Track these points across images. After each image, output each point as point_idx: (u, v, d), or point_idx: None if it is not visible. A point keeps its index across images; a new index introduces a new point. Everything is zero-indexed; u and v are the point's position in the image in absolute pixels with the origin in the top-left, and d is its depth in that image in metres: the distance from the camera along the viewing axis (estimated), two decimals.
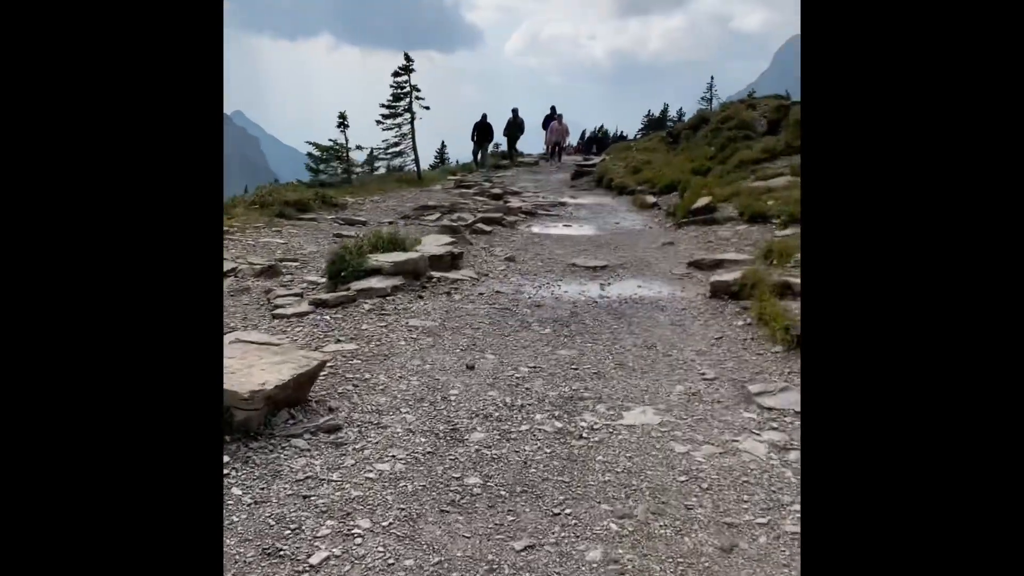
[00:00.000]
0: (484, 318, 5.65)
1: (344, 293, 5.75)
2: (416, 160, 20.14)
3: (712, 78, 54.29)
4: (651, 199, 14.70)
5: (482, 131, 22.14)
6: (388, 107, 19.52)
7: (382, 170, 20.57)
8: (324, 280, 6.18)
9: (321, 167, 17.42)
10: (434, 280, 6.49)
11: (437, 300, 6.10)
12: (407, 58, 18.86)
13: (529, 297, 6.42)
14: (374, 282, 6.00)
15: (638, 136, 55.74)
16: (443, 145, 47.15)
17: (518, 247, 9.30)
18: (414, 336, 5.07)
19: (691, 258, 8.31)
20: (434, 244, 7.34)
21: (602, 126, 54.48)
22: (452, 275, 6.72)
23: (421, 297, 6.09)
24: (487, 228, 10.23)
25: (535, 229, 11.77)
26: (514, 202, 14.25)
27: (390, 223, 11.35)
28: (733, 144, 15.66)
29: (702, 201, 11.88)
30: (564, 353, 4.89)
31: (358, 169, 18.80)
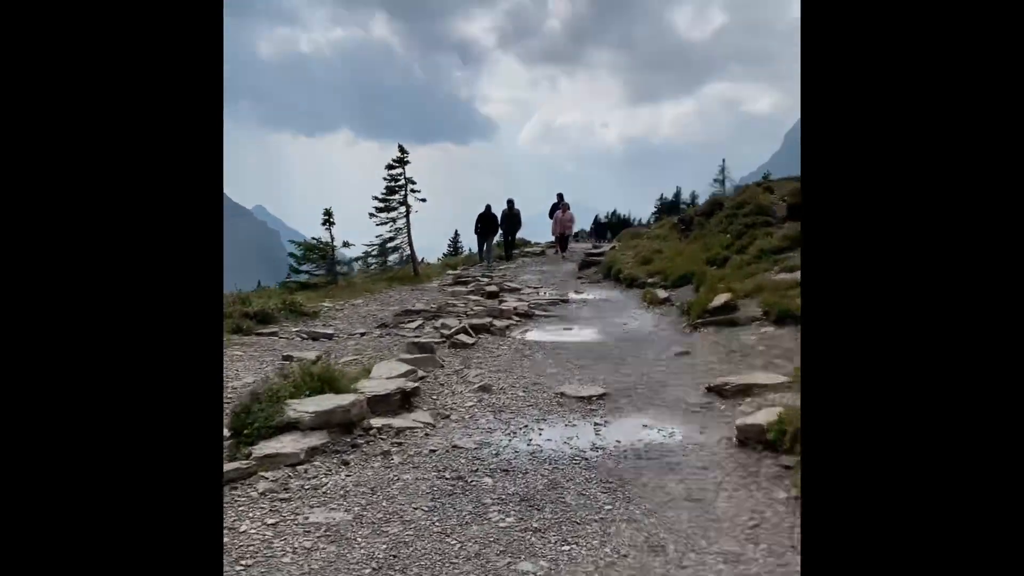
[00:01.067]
0: (424, 499, 4.05)
1: (240, 464, 4.22)
2: (412, 255, 18.97)
3: (724, 160, 53.76)
4: (662, 294, 13.23)
5: (486, 222, 21.17)
6: (382, 200, 18.53)
7: (376, 266, 19.38)
8: (228, 438, 4.66)
9: (304, 266, 16.23)
10: (373, 432, 4.94)
11: (368, 468, 4.52)
12: (401, 150, 17.98)
13: (496, 454, 4.83)
14: (287, 442, 4.47)
15: (651, 221, 54.97)
16: (456, 235, 46.64)
17: (500, 367, 7.77)
18: (309, 543, 3.49)
19: (711, 380, 6.72)
20: (385, 375, 5.84)
21: (614, 211, 53.85)
22: (400, 421, 5.17)
23: (346, 463, 4.52)
24: (469, 340, 8.75)
25: (529, 336, 10.28)
26: (510, 301, 12.83)
27: (362, 334, 9.93)
28: (751, 231, 14.27)
29: (720, 299, 10.37)
30: (526, 569, 3.28)
31: (344, 268, 17.60)
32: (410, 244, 18.58)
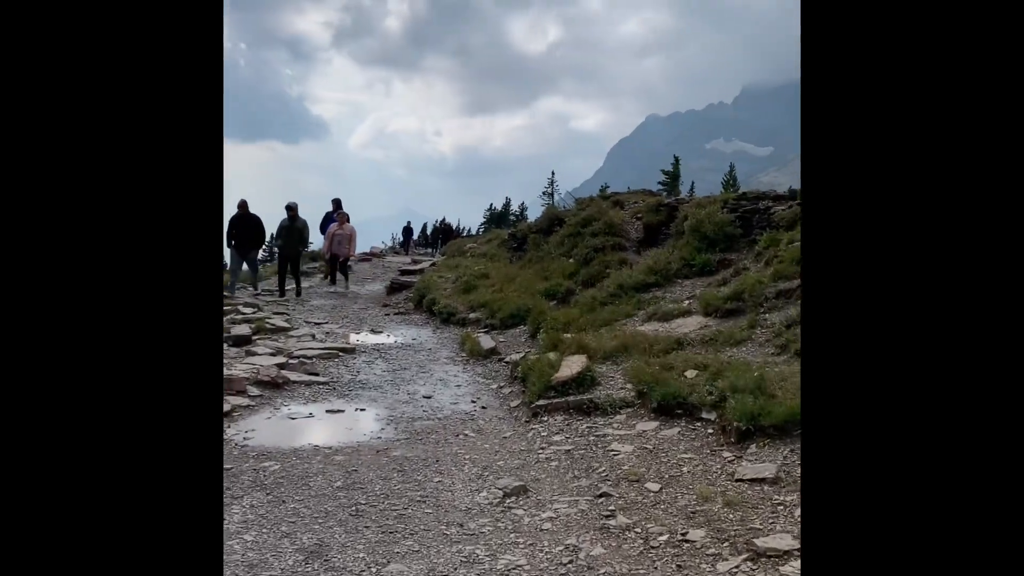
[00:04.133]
0: None
1: None
2: None
3: (553, 172, 52.33)
4: (487, 341, 9.56)
5: (242, 228, 13.19)
6: None
7: None
8: None
9: None
10: None
11: None
12: None
13: None
14: None
15: (480, 230, 52.08)
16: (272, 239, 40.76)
17: None
18: None
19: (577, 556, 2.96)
20: None
21: (443, 218, 50.19)
22: None
23: None
24: None
25: (259, 434, 6.10)
26: (260, 354, 8.50)
27: None
28: (601, 256, 11.03)
29: (572, 366, 6.82)
30: None
31: None
32: None
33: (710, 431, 5.42)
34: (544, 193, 51.68)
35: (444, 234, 34.60)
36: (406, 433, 6.19)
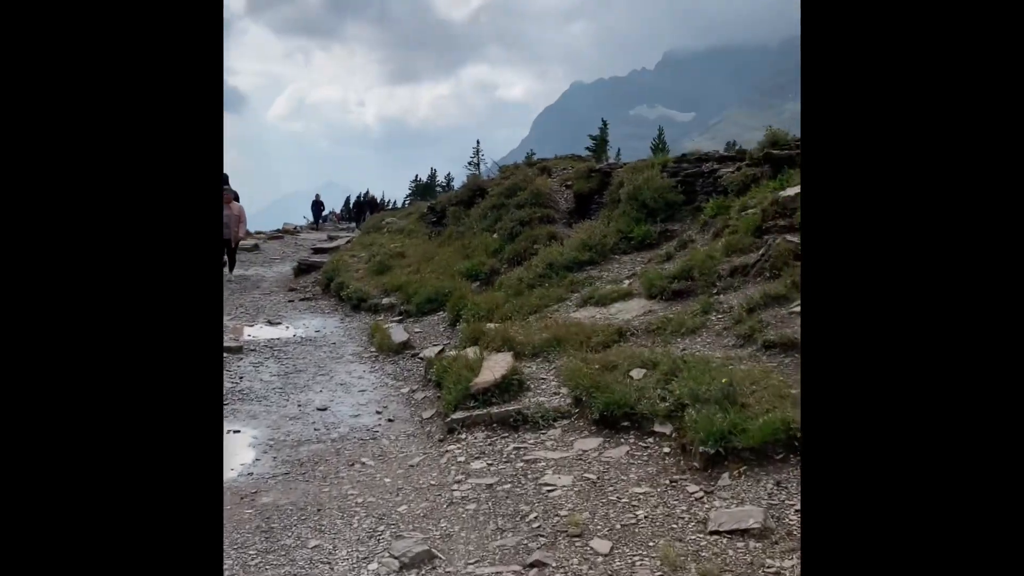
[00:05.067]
0: None
1: None
2: None
3: (478, 142, 50.85)
4: (399, 333, 8.25)
5: None
6: None
7: None
8: None
9: None
10: None
11: None
12: None
13: None
14: None
15: (406, 203, 50.13)
16: None
17: None
18: None
19: None
20: None
21: (367, 191, 47.70)
22: None
23: None
24: None
25: None
26: None
27: None
28: (528, 231, 9.82)
29: (494, 368, 5.61)
30: None
31: None
32: None
33: (666, 449, 4.32)
34: (470, 163, 50.16)
35: (369, 207, 32.28)
36: (287, 464, 4.88)
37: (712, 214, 7.58)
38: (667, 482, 3.95)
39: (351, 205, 37.97)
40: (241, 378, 7.02)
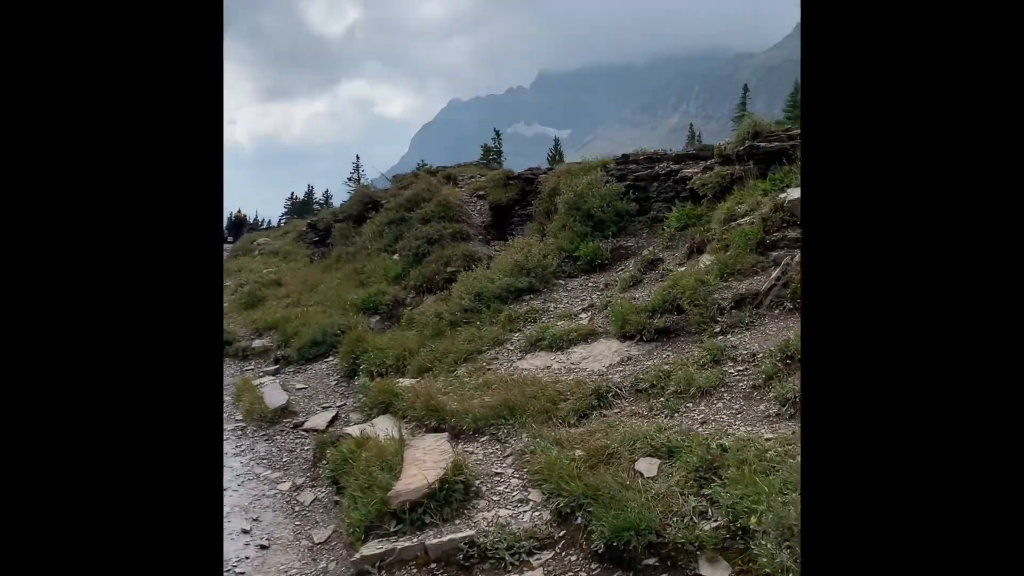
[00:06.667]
0: None
1: None
2: None
3: (358, 156, 48.46)
4: (276, 394, 6.12)
5: None
6: None
7: None
8: None
9: None
10: None
11: None
12: None
13: None
14: None
15: (281, 222, 46.68)
16: None
17: None
18: None
19: None
20: None
21: (239, 210, 43.44)
22: None
23: None
24: None
25: None
26: None
27: None
28: (439, 250, 7.92)
29: (425, 464, 3.70)
30: None
31: None
32: None
33: None
34: (349, 179, 47.57)
35: (235, 227, 27.68)
36: None
37: (679, 225, 6.01)
38: None
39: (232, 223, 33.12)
40: None
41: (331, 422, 5.50)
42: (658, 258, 5.89)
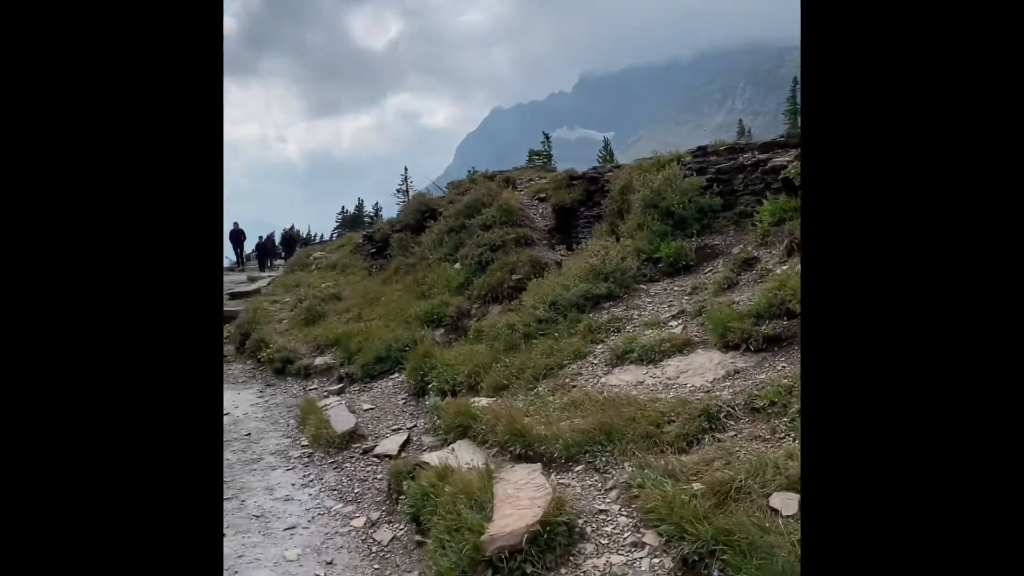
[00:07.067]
0: None
1: None
2: None
3: (406, 168, 48.77)
4: (343, 417, 5.76)
5: None
6: None
7: None
8: None
9: None
10: None
11: None
12: None
13: None
14: None
15: (333, 236, 47.06)
16: None
17: None
18: None
19: None
20: None
21: (292, 225, 43.87)
22: None
23: None
24: None
25: None
26: None
27: None
28: (502, 256, 7.50)
29: (519, 502, 3.24)
30: None
31: None
32: None
33: None
34: (398, 191, 47.81)
35: (285, 244, 26.88)
36: None
37: (773, 220, 5.44)
38: None
39: (274, 241, 32.70)
40: None
41: (403, 446, 5.10)
42: (753, 257, 5.33)
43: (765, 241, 5.42)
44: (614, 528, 3.14)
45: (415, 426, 5.48)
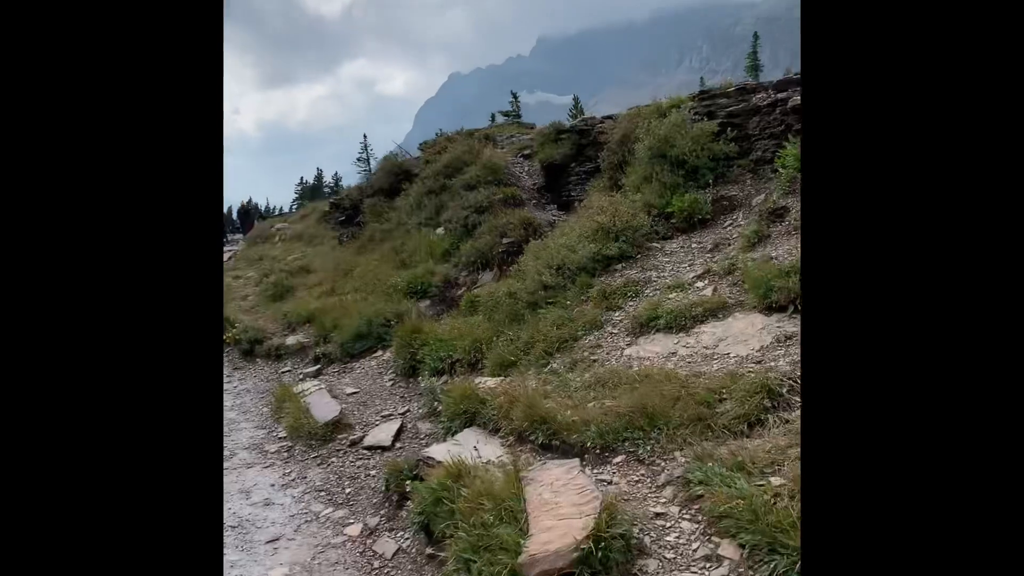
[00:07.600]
0: None
1: None
2: None
3: (365, 136, 47.42)
4: (325, 404, 5.09)
5: None
6: None
7: None
8: None
9: None
10: None
11: None
12: None
13: None
14: None
15: (293, 208, 45.55)
16: None
17: None
18: None
19: None
20: None
21: (250, 199, 42.15)
22: None
23: None
24: None
25: None
26: None
27: None
28: (490, 218, 6.84)
29: (559, 510, 2.62)
30: None
31: None
32: None
33: None
34: (359, 159, 46.42)
35: (243, 217, 25.54)
36: None
37: (799, 165, 4.86)
38: None
39: (232, 216, 31.19)
40: None
41: (396, 436, 4.48)
42: (781, 207, 4.76)
43: (792, 188, 4.85)
44: (678, 537, 2.57)
45: (408, 411, 4.85)
